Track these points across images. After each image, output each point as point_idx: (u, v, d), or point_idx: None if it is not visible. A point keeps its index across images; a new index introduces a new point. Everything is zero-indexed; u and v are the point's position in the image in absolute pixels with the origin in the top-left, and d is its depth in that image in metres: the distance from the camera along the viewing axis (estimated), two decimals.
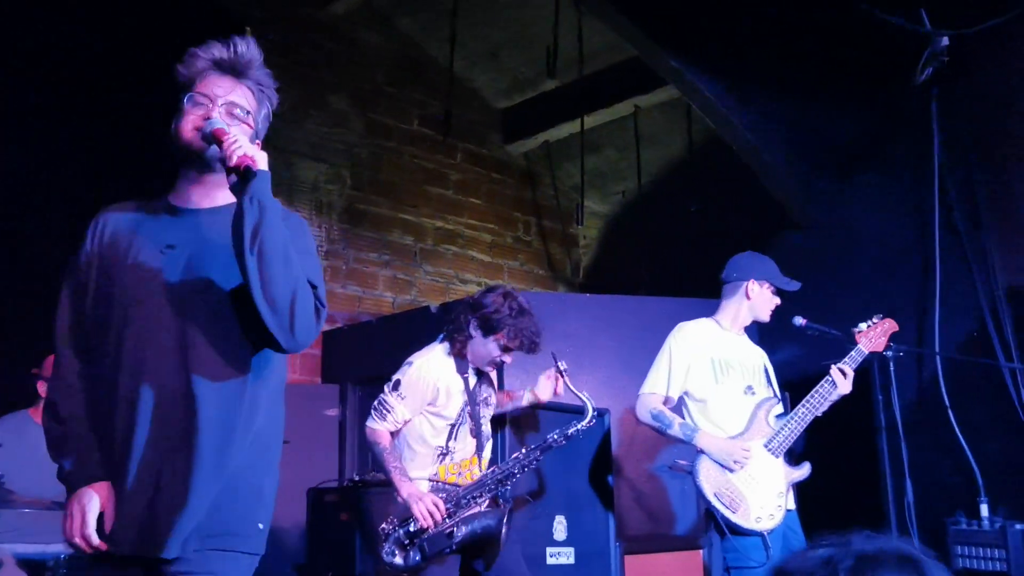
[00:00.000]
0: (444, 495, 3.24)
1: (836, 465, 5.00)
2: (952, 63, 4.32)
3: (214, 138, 1.89)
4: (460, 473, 3.32)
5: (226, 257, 1.85)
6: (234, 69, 2.02)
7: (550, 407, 3.75)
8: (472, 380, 3.41)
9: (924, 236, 4.73)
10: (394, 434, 3.36)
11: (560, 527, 4.22)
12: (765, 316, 3.61)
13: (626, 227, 7.71)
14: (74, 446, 1.85)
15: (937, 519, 4.36)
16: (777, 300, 3.63)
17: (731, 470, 3.31)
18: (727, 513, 3.27)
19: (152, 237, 1.92)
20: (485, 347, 3.35)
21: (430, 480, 3.30)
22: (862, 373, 4.72)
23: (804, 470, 3.46)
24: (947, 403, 4.44)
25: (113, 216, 1.99)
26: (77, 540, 1.78)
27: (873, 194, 5.04)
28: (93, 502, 1.79)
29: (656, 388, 3.50)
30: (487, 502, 3.33)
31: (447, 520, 3.19)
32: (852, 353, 3.54)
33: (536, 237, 7.71)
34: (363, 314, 6.31)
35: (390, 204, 6.69)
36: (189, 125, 1.95)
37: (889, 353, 4.16)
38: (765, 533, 3.26)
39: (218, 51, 2.00)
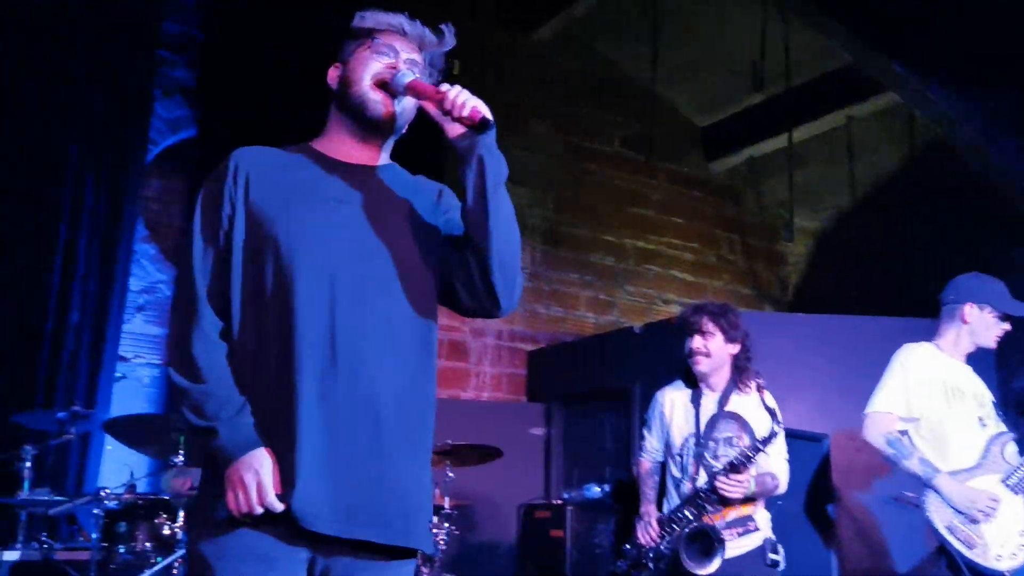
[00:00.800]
0: (664, 517, 3.24)
1: None
2: None
3: (412, 91, 1.74)
4: None
5: (402, 217, 1.77)
6: (417, 38, 1.86)
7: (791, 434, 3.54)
8: (708, 411, 3.30)
9: None
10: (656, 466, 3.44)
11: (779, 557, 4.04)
12: (989, 343, 3.25)
13: (838, 243, 7.32)
14: (225, 407, 1.62)
15: None
16: (1004, 326, 3.25)
17: (975, 521, 3.03)
18: (963, 550, 2.99)
19: (315, 190, 1.74)
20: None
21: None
22: None
23: None
24: None
25: (255, 160, 1.77)
26: (255, 509, 1.56)
27: None
28: (267, 466, 1.59)
29: (891, 407, 3.18)
30: (688, 536, 3.19)
31: (663, 539, 3.18)
32: None
33: (740, 256, 7.49)
34: (565, 334, 6.39)
35: (591, 226, 6.75)
36: (369, 73, 1.77)
37: None
38: (1007, 574, 2.96)
39: (398, 19, 1.85)
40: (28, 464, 3.58)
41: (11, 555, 3.47)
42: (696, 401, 3.30)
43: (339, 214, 1.72)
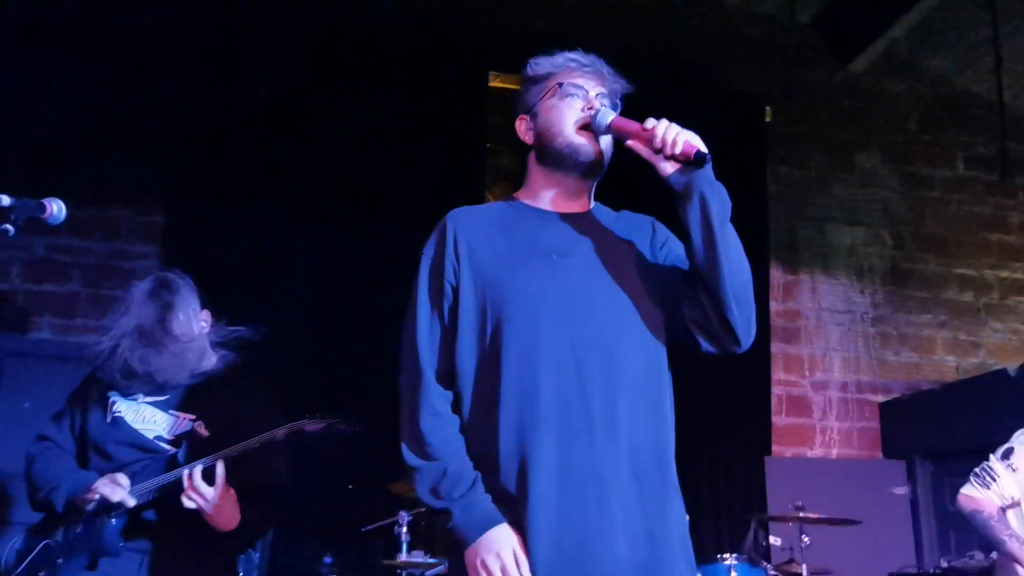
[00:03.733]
0: None
1: None
2: None
3: (617, 131, 1.69)
4: None
5: (625, 261, 1.71)
6: (598, 73, 1.78)
7: None
8: None
9: None
10: (1004, 511, 2.89)
11: None
12: None
13: None
14: (459, 484, 1.56)
15: None
16: None
17: None
18: None
19: (537, 245, 1.70)
20: None
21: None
22: None
23: None
24: None
25: (471, 222, 1.74)
26: None
27: None
28: (509, 542, 1.51)
29: None
30: None
31: None
32: None
33: None
34: (922, 382, 5.77)
35: (940, 259, 6.10)
36: (569, 119, 1.73)
37: None
38: None
39: (576, 56, 1.79)
40: (404, 529, 3.94)
41: None
42: None
43: (566, 268, 1.67)
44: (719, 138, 1.75)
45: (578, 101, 1.75)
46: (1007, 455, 2.88)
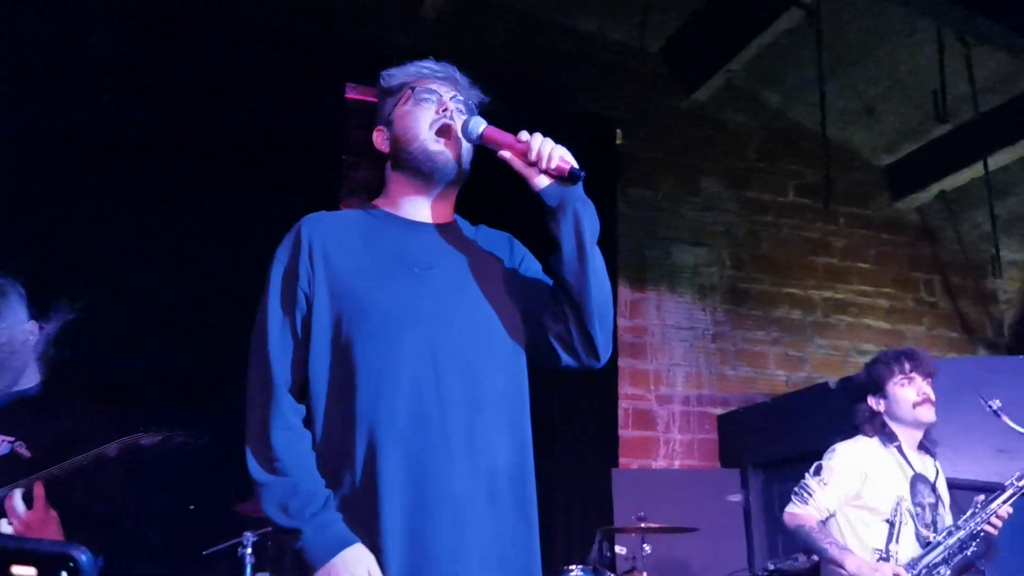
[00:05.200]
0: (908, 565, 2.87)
1: None
2: None
3: (489, 141, 1.66)
4: None
5: (488, 276, 1.68)
6: (451, 79, 1.76)
7: None
8: (910, 470, 3.04)
9: None
10: (824, 524, 3.08)
11: None
12: None
13: None
14: (310, 503, 1.49)
15: None
16: None
17: None
18: None
19: (400, 257, 1.65)
20: (895, 403, 3.02)
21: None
22: None
23: None
24: None
25: (328, 229, 1.67)
26: None
27: None
28: (364, 563, 1.45)
29: None
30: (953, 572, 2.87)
31: None
32: None
33: (943, 297, 6.95)
34: (757, 395, 6.13)
35: (773, 280, 6.51)
36: (424, 124, 1.69)
37: None
38: None
39: (428, 64, 1.76)
40: (249, 550, 3.80)
41: None
42: (906, 459, 3.04)
43: (429, 281, 1.63)
44: (575, 157, 1.79)
45: (432, 106, 1.72)
46: (818, 471, 3.07)
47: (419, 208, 1.73)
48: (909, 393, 3.02)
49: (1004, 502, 2.80)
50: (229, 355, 2.07)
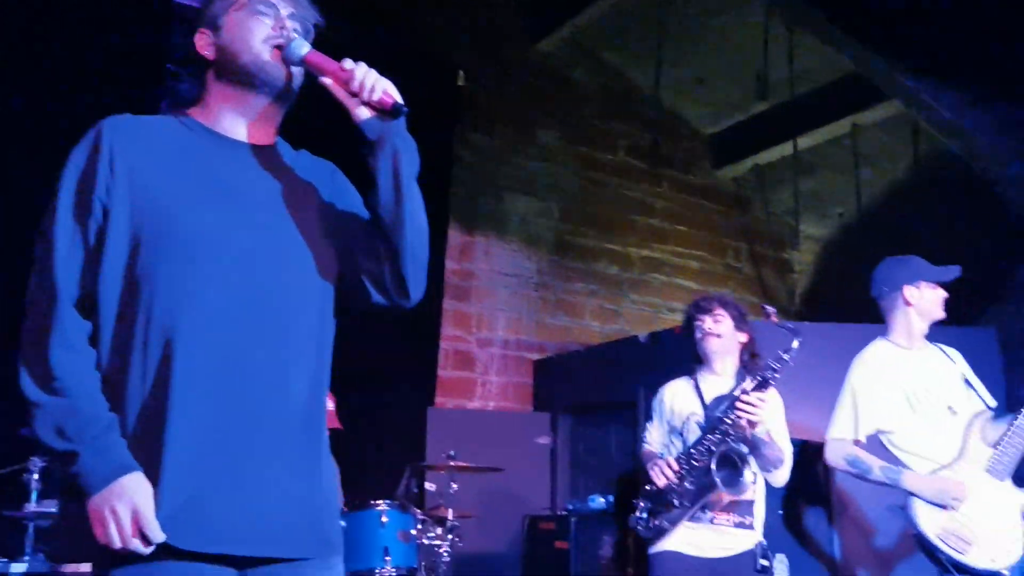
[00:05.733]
0: (681, 455, 3.19)
1: None
2: None
3: (311, 65, 1.58)
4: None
5: (305, 207, 1.62)
6: None
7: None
8: (710, 389, 3.32)
9: None
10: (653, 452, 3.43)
11: (781, 566, 4.04)
12: (938, 314, 3.20)
13: (845, 251, 7.31)
14: (90, 425, 1.40)
15: None
16: (942, 293, 3.22)
17: (950, 508, 2.98)
18: (957, 555, 2.92)
19: (213, 178, 1.55)
20: (697, 341, 3.36)
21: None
22: None
23: None
24: None
25: (133, 134, 1.54)
26: (130, 543, 1.36)
27: None
28: (144, 491, 1.38)
29: (844, 433, 3.16)
30: (718, 457, 3.11)
31: (688, 476, 3.12)
32: None
33: (747, 264, 7.49)
34: (572, 343, 6.39)
35: (597, 235, 6.76)
36: (259, 37, 1.58)
37: None
38: (1005, 572, 2.91)
39: None
40: (36, 476, 3.59)
41: (18, 567, 3.48)
42: (697, 385, 3.32)
43: (242, 207, 1.54)
44: (412, 94, 1.72)
45: (268, 20, 1.60)
46: (650, 415, 3.45)
47: (238, 125, 1.62)
48: (696, 332, 3.36)
49: (755, 388, 3.06)
50: (12, 263, 1.90)
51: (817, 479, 4.12)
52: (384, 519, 3.33)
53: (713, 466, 3.02)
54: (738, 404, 3.02)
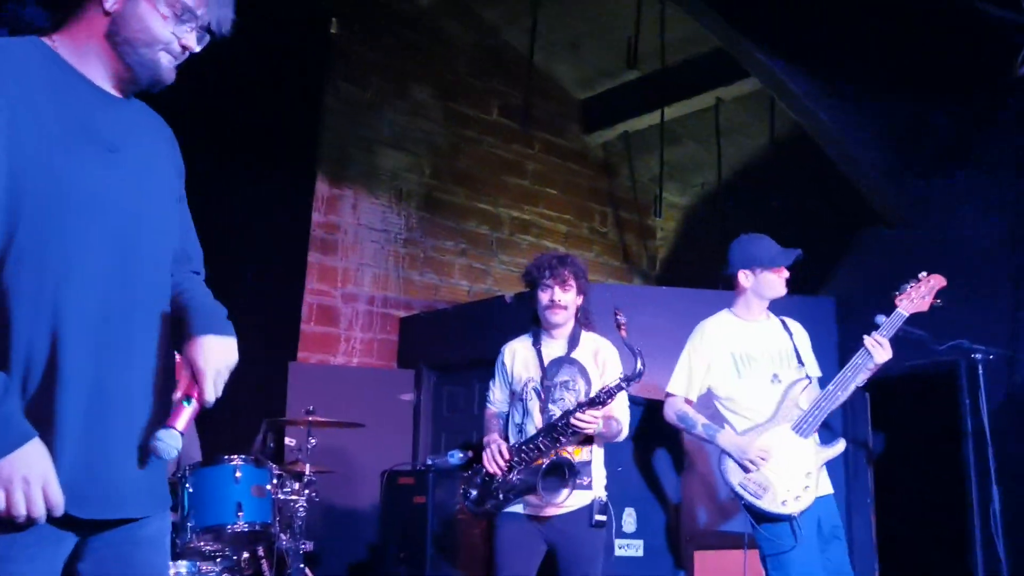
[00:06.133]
0: (515, 446, 3.29)
1: (919, 469, 4.87)
2: None
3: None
4: None
5: (163, 170, 1.62)
6: None
7: None
8: (549, 354, 3.41)
9: (1018, 235, 4.55)
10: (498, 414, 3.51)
11: (630, 519, 4.23)
12: (776, 293, 3.46)
13: (705, 220, 7.61)
14: None
15: None
16: (783, 274, 3.47)
17: (747, 470, 3.26)
18: (753, 500, 3.24)
19: (87, 130, 1.48)
20: (537, 303, 3.41)
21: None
22: (947, 376, 4.59)
23: (837, 447, 3.36)
24: None
25: (9, 65, 1.43)
26: (39, 514, 1.35)
27: (966, 191, 4.88)
28: (47, 461, 1.36)
29: (677, 389, 3.48)
30: (551, 455, 3.22)
31: (516, 466, 3.22)
32: (890, 318, 3.30)
33: (612, 228, 7.68)
34: (439, 302, 6.40)
35: (467, 193, 6.75)
36: (163, 35, 1.52)
37: (978, 356, 4.02)
38: (794, 516, 3.20)
39: None
40: None
41: None
42: (537, 347, 3.41)
43: (119, 164, 1.49)
44: (284, 41, 1.64)
45: (180, 26, 1.54)
46: (493, 375, 3.56)
47: (104, 78, 1.54)
48: (543, 298, 3.35)
49: (590, 405, 3.19)
50: None
51: (667, 433, 4.31)
52: (238, 474, 3.25)
53: (541, 473, 3.13)
54: (573, 420, 3.15)
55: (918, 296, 3.34)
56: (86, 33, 1.51)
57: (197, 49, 1.58)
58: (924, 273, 3.40)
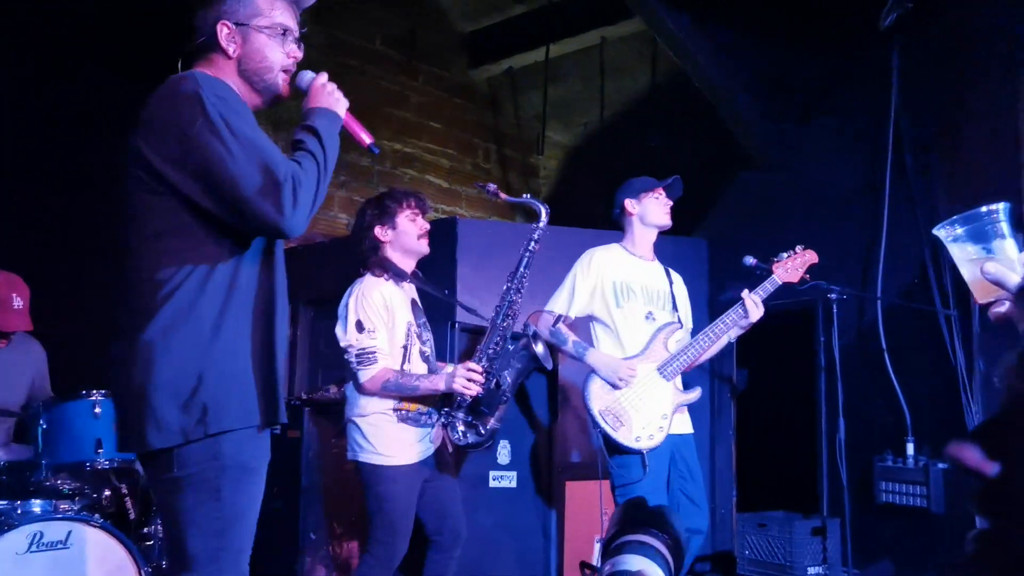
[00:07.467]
0: (474, 359, 3.26)
1: (777, 403, 5.16)
2: (916, 10, 4.32)
3: (303, 91, 2.05)
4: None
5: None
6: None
7: None
8: (411, 297, 3.42)
9: (875, 181, 4.79)
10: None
11: (504, 451, 4.32)
12: (663, 220, 3.63)
13: (587, 159, 7.69)
14: None
15: (866, 456, 4.53)
16: (665, 201, 3.63)
17: (616, 387, 3.39)
18: (609, 431, 3.39)
19: None
20: (402, 235, 3.30)
21: (394, 410, 3.21)
22: (806, 314, 4.84)
23: (693, 394, 3.55)
24: (884, 346, 4.57)
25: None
26: None
27: (830, 137, 5.08)
28: None
29: (556, 308, 3.61)
30: (513, 343, 3.35)
31: (490, 377, 3.24)
32: (765, 283, 3.54)
33: (496, 165, 7.66)
34: (317, 235, 6.25)
35: None
36: (279, 62, 1.98)
37: (833, 296, 4.25)
38: (644, 452, 3.36)
39: None
40: None
41: None
42: (404, 290, 3.41)
43: None
44: None
45: (287, 46, 1.99)
46: (361, 327, 3.24)
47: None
48: (419, 225, 3.35)
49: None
50: None
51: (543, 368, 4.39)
52: (97, 409, 3.12)
53: (506, 383, 3.22)
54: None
55: (792, 267, 3.57)
56: (230, 75, 1.95)
57: (300, 56, 2.01)
58: (801, 246, 3.61)
